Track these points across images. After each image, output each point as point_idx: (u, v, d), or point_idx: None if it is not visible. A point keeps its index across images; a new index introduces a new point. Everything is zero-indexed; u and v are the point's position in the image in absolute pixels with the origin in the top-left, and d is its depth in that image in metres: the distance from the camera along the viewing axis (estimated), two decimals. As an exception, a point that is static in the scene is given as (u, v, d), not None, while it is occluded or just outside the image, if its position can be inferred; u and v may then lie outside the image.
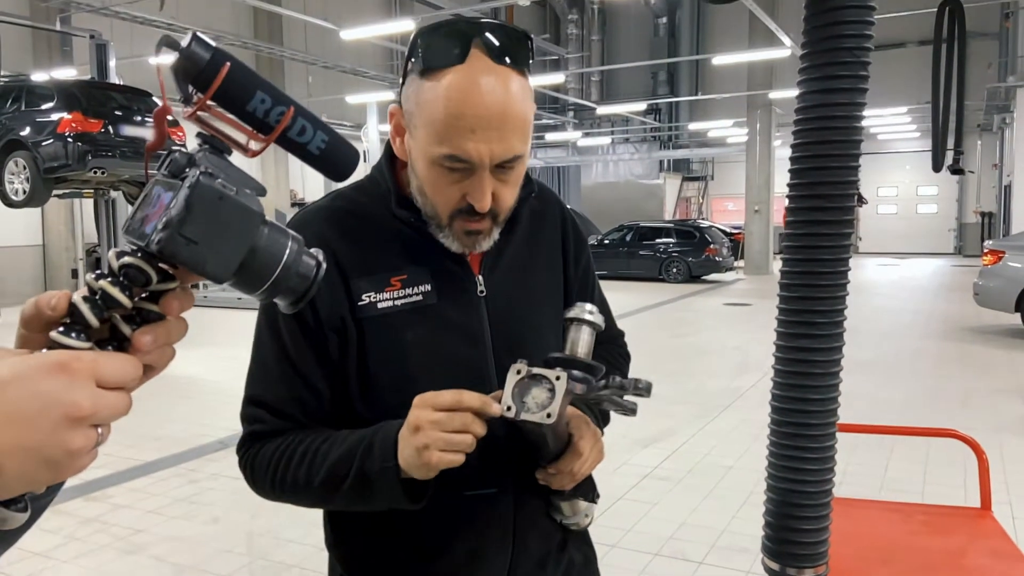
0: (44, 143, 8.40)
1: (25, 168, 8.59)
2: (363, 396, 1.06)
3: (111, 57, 10.84)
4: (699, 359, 8.74)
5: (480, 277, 1.10)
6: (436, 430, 0.90)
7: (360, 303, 1.04)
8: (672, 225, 19.10)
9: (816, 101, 1.36)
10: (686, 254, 17.51)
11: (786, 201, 1.47)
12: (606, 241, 18.46)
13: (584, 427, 1.06)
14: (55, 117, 8.44)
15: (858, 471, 4.66)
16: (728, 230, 21.06)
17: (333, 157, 0.65)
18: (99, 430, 0.53)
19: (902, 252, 26.07)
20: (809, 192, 1.38)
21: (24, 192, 8.71)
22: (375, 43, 16.26)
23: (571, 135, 25.63)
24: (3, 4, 11.66)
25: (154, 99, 9.50)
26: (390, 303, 1.04)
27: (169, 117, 0.61)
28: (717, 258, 17.52)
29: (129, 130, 8.82)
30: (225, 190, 0.56)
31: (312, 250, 0.63)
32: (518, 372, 0.93)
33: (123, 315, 0.56)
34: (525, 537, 1.12)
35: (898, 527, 1.88)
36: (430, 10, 12.27)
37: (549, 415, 0.89)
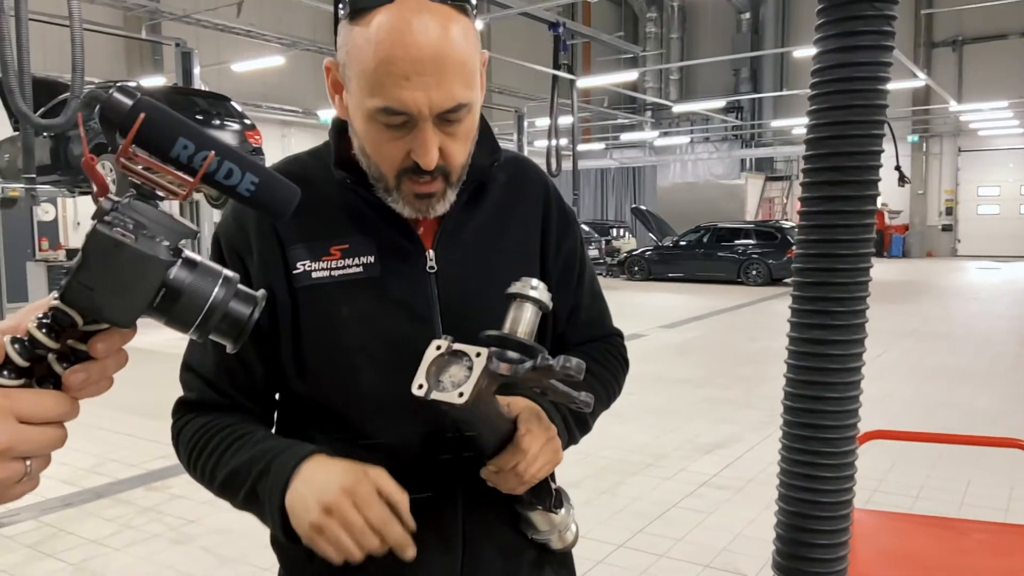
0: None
1: (111, 171, 8.98)
2: (298, 373, 0.99)
3: (195, 64, 11.26)
4: (773, 364, 8.35)
5: (432, 252, 1.01)
6: (342, 531, 0.84)
7: (295, 272, 0.97)
8: (752, 226, 18.48)
9: (834, 61, 1.19)
10: (767, 256, 16.89)
11: (879, 203, 1.30)
12: (682, 243, 18.04)
13: (533, 421, 0.95)
14: (139, 122, 8.79)
15: (938, 486, 4.35)
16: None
17: (266, 198, 0.66)
18: (27, 462, 0.57)
19: (1005, 255, 24.49)
20: (825, 164, 1.22)
21: (111, 193, 9.11)
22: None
23: (647, 135, 25.19)
24: (97, 15, 12.28)
25: (233, 104, 9.81)
26: (325, 273, 0.97)
27: (246, 121, 0.62)
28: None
29: (209, 133, 9.11)
30: (124, 238, 0.57)
31: (258, 292, 0.64)
32: (438, 348, 0.84)
33: (57, 354, 0.59)
34: (478, 550, 1.02)
35: (949, 545, 1.68)
36: (499, 9, 12.23)
37: (461, 394, 0.80)
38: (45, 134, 9.38)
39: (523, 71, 15.23)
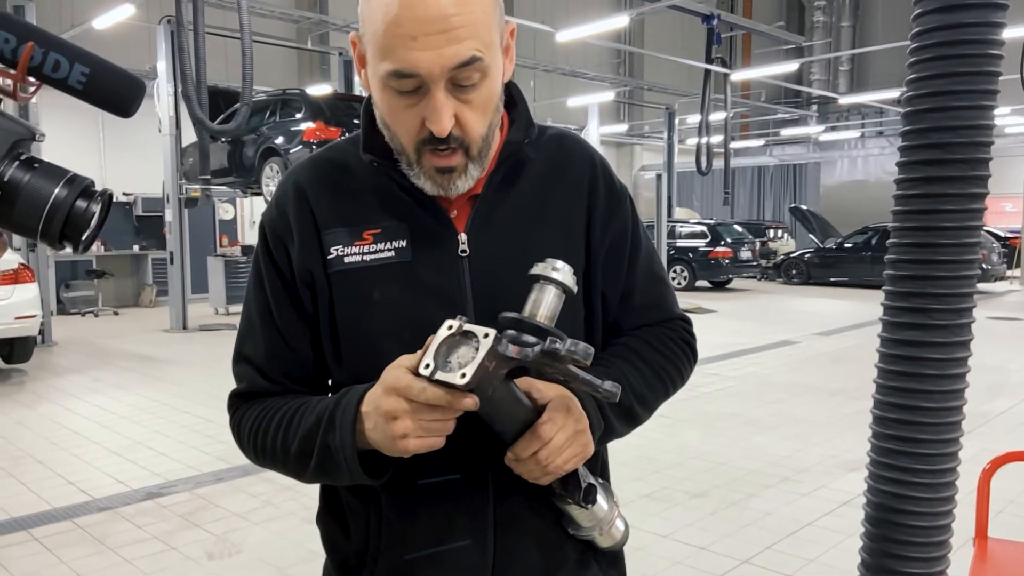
0: (292, 150, 9.40)
1: (278, 172, 9.67)
2: (335, 357, 1.00)
3: (356, 72, 11.86)
4: (942, 377, 7.64)
5: (464, 235, 0.98)
6: (413, 420, 0.82)
7: (329, 256, 0.97)
8: (928, 227, 16.97)
9: (936, 23, 1.02)
10: (944, 260, 15.48)
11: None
12: (847, 245, 16.91)
13: (560, 411, 0.90)
14: (302, 127, 9.41)
15: None
16: (1002, 234, 18.40)
17: (99, 90, 0.62)
18: None
19: None
20: (923, 141, 1.05)
21: (277, 194, 9.82)
22: (599, 44, 16.18)
23: (811, 129, 23.80)
24: (272, 28, 13.28)
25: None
26: (358, 258, 0.97)
27: None
28: (984, 265, 15.31)
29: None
30: None
31: (105, 190, 0.62)
32: (449, 327, 0.81)
33: None
34: (512, 539, 0.98)
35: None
36: (650, 3, 11.97)
37: (464, 375, 0.77)
38: (223, 139, 10.25)
39: (675, 66, 14.85)
